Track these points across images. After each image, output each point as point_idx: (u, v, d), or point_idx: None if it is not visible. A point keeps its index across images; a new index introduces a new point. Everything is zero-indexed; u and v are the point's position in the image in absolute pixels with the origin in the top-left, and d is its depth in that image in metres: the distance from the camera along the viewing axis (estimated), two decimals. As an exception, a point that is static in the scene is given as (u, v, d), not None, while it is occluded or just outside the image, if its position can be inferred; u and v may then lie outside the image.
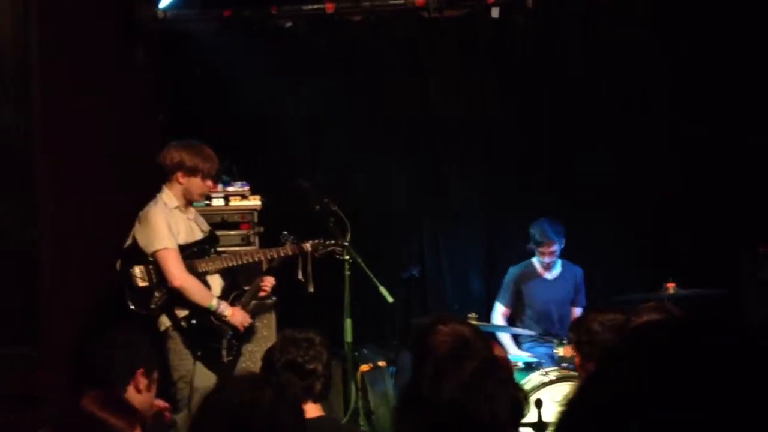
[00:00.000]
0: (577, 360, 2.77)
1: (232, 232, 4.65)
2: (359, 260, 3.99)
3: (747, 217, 5.02)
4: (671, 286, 4.31)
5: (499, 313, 4.96)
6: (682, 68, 5.13)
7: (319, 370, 2.53)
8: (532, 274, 4.96)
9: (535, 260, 4.98)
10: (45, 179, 3.65)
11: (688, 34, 5.10)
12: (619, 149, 5.26)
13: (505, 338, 4.81)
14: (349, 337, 3.95)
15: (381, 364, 4.55)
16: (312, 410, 2.51)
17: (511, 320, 5.01)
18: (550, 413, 3.69)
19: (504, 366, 2.51)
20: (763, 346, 0.72)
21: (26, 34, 3.51)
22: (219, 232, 4.42)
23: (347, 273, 3.99)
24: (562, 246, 4.85)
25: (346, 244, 3.99)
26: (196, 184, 3.88)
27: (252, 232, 4.67)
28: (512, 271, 4.99)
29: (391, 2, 5.27)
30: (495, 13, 5.20)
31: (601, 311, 2.85)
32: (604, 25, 5.20)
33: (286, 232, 4.07)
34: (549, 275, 4.97)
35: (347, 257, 3.98)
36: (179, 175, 3.86)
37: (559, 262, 4.96)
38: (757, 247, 4.96)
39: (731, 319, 0.79)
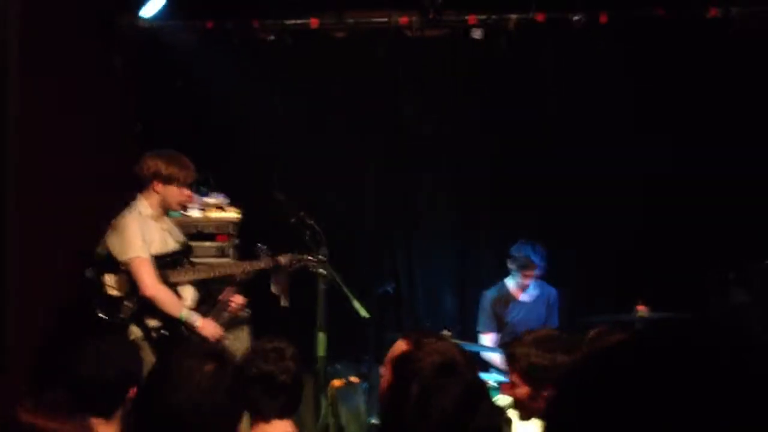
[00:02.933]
0: (525, 391, 2.51)
1: (207, 244, 4.64)
2: (334, 274, 3.99)
3: (717, 242, 5.10)
4: (641, 309, 4.35)
5: (487, 341, 4.95)
6: (653, 94, 5.24)
7: (288, 383, 2.46)
8: (507, 296, 4.99)
9: (509, 281, 5.01)
10: (14, 186, 3.59)
11: (659, 64, 5.22)
12: (592, 172, 5.32)
13: (495, 357, 4.79)
14: (321, 352, 3.93)
15: (353, 379, 4.53)
16: (280, 427, 2.44)
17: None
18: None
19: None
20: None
21: (4, 40, 3.48)
22: (195, 243, 4.40)
23: (321, 287, 3.98)
24: (544, 270, 4.87)
25: (321, 257, 3.98)
26: (173, 192, 3.87)
27: (228, 243, 4.65)
28: (488, 296, 5.01)
29: (374, 20, 5.32)
30: (477, 34, 5.26)
31: (531, 332, 2.62)
32: (581, 50, 5.29)
33: (260, 245, 4.06)
34: (524, 296, 5.00)
35: (321, 271, 3.97)
36: (156, 183, 3.84)
37: (533, 283, 4.99)
38: (726, 272, 5.04)
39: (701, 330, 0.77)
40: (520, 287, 4.95)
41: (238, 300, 4.02)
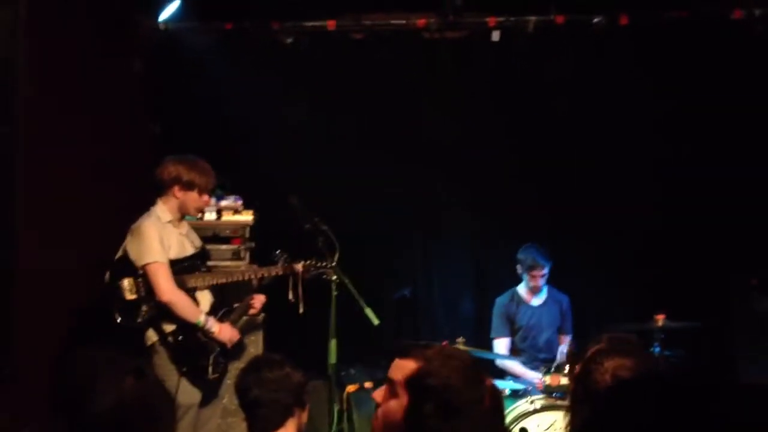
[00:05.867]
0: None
1: (223, 247, 4.64)
2: (346, 281, 3.97)
3: (738, 250, 5.02)
4: (660, 318, 4.30)
5: (501, 347, 4.93)
6: (674, 96, 5.16)
7: (262, 397, 2.53)
8: (518, 301, 4.99)
9: (520, 287, 5.00)
10: (26, 189, 3.60)
11: (679, 68, 5.14)
12: (613, 177, 5.26)
13: (515, 365, 4.76)
14: (333, 359, 3.92)
15: (368, 385, 4.52)
16: None
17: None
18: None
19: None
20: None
21: (14, 40, 3.47)
22: (210, 246, 4.41)
23: (334, 293, 3.97)
24: (550, 269, 4.85)
25: (334, 264, 3.96)
26: (193, 198, 3.87)
27: (243, 247, 4.66)
28: (499, 302, 5.01)
29: (392, 22, 5.28)
30: (495, 36, 5.21)
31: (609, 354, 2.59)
32: (600, 54, 5.22)
33: (279, 251, 4.05)
34: (535, 301, 4.98)
35: (334, 278, 3.96)
36: (176, 189, 3.84)
37: (546, 288, 4.96)
38: (747, 280, 4.96)
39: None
40: (532, 291, 4.93)
41: (259, 301, 4.02)
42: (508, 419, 3.97)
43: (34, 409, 3.16)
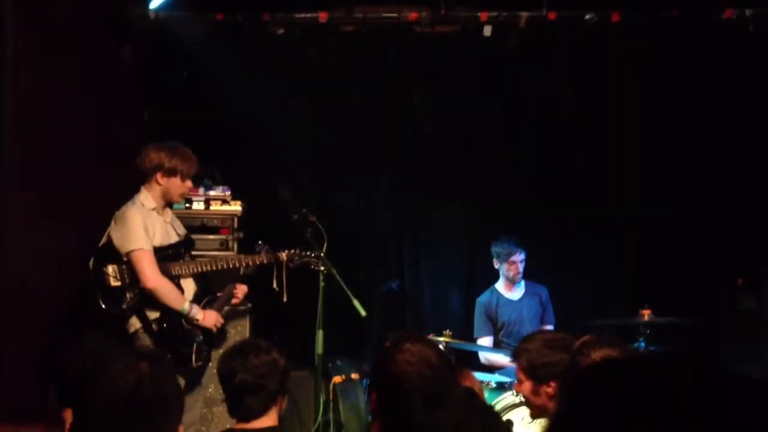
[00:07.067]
0: (528, 386, 2.62)
1: (211, 237, 4.63)
2: (334, 272, 3.96)
3: (727, 250, 5.03)
4: (646, 313, 4.31)
5: (484, 345, 4.95)
6: (666, 95, 5.17)
7: (250, 382, 2.47)
8: (498, 298, 5.02)
9: (498, 283, 5.04)
10: (14, 176, 3.58)
11: (670, 66, 5.15)
12: (605, 174, 5.27)
13: (500, 357, 4.78)
14: (319, 349, 3.91)
15: (354, 376, 4.51)
16: (257, 424, 2.48)
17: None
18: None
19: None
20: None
21: (1, 28, 3.45)
22: (198, 236, 4.39)
23: (321, 284, 3.96)
24: (525, 257, 4.89)
25: (322, 255, 3.95)
26: (176, 184, 3.85)
27: (231, 237, 4.64)
28: (480, 302, 5.05)
29: (384, 15, 5.28)
30: (487, 31, 5.22)
31: (541, 332, 2.73)
32: (591, 50, 5.22)
33: (261, 242, 4.04)
34: (513, 295, 5.01)
35: (322, 269, 3.95)
36: (158, 176, 3.82)
37: (523, 282, 4.99)
38: (735, 280, 4.98)
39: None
40: (511, 281, 4.95)
41: (242, 290, 4.00)
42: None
43: (14, 389, 3.15)
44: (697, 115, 5.12)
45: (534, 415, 2.69)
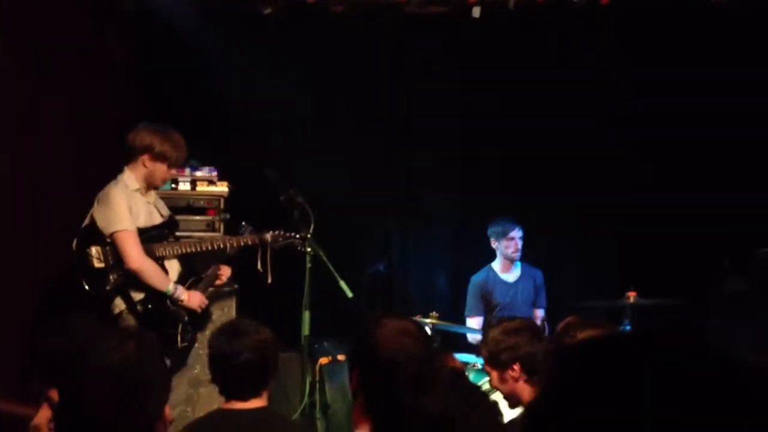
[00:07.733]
0: (495, 375, 2.64)
1: (197, 217, 4.61)
2: (321, 253, 3.96)
3: (714, 231, 5.04)
4: (632, 295, 4.32)
5: (473, 326, 4.95)
6: (653, 78, 5.16)
7: (246, 361, 2.46)
8: (493, 278, 5.01)
9: (495, 263, 5.01)
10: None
11: (659, 48, 5.13)
12: (594, 156, 5.26)
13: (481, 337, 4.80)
14: (306, 330, 3.92)
15: (340, 357, 4.52)
16: (248, 405, 2.48)
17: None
18: (505, 414, 3.70)
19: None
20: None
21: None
22: (184, 217, 4.37)
23: (308, 265, 3.96)
24: (523, 234, 4.87)
25: (308, 236, 3.94)
26: (161, 170, 3.82)
27: (218, 218, 4.63)
28: (474, 280, 5.03)
29: (373, -5, 5.23)
30: (476, 12, 5.17)
31: (500, 321, 2.81)
32: (581, 33, 5.20)
33: (244, 223, 4.04)
34: (510, 277, 5.00)
35: (309, 250, 3.94)
36: (146, 158, 3.79)
37: (519, 264, 4.98)
38: (721, 261, 4.99)
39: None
40: (510, 261, 4.93)
41: (226, 272, 3.99)
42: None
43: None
44: (685, 96, 5.11)
45: (511, 405, 2.69)
